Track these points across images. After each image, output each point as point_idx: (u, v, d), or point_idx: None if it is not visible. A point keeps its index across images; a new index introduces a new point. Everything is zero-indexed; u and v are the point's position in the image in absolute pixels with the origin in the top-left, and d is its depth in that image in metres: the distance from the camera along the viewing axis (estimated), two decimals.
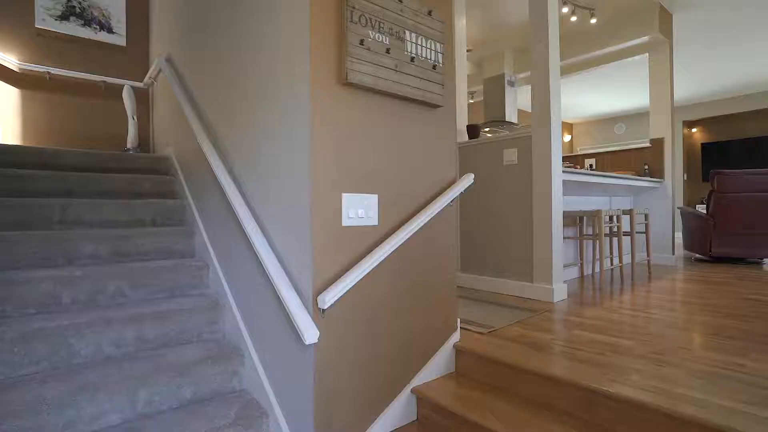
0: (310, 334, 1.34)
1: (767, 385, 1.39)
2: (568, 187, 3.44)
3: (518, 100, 7.25)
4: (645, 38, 4.39)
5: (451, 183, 1.92)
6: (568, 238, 3.46)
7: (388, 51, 1.61)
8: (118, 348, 1.79)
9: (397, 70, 1.65)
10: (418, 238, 1.78)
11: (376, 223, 1.62)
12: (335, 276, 1.49)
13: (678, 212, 8.32)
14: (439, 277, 1.88)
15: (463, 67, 3.45)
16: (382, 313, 1.65)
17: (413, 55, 1.71)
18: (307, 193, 1.45)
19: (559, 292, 2.75)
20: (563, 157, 5.49)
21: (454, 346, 1.91)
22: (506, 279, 3.01)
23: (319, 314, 1.45)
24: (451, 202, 1.90)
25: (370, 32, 1.56)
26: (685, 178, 9.11)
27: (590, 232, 3.88)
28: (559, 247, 2.78)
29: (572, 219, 3.71)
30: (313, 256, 1.43)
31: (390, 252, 1.62)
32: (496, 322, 2.24)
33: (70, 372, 1.61)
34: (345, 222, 1.52)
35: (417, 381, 1.77)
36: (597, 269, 3.93)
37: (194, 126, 2.37)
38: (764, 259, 4.71)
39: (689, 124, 9.05)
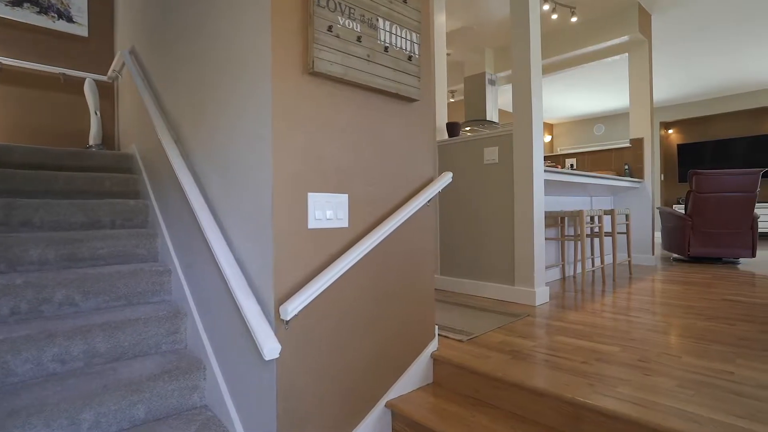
0: (270, 348, 1.21)
1: (759, 396, 1.32)
2: (550, 187, 3.38)
3: (499, 101, 7.22)
4: (625, 38, 4.38)
5: (429, 182, 1.81)
6: (550, 238, 3.40)
7: (359, 39, 1.49)
8: (63, 364, 1.62)
9: (369, 60, 1.53)
10: (392, 241, 1.66)
11: (346, 224, 1.49)
12: (300, 283, 1.37)
13: (657, 212, 8.42)
14: (416, 281, 1.77)
15: (442, 64, 3.35)
16: (354, 322, 1.53)
17: (387, 44, 1.59)
18: (268, 193, 1.32)
19: (541, 295, 2.67)
20: (544, 156, 5.46)
21: (432, 355, 1.80)
22: (487, 282, 2.92)
23: (282, 326, 1.32)
24: (428, 201, 1.79)
25: (340, 18, 1.44)
26: (662, 179, 9.24)
27: (572, 232, 3.83)
28: (541, 249, 2.71)
29: (554, 219, 3.65)
30: (274, 262, 1.30)
31: (362, 256, 1.51)
32: (476, 328, 2.14)
33: (1, 394, 1.44)
34: (311, 224, 1.39)
35: (392, 394, 1.65)
36: (579, 270, 3.88)
37: (154, 120, 2.21)
38: (740, 259, 4.75)
39: (666, 125, 9.18)
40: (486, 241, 2.93)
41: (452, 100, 6.47)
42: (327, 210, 1.44)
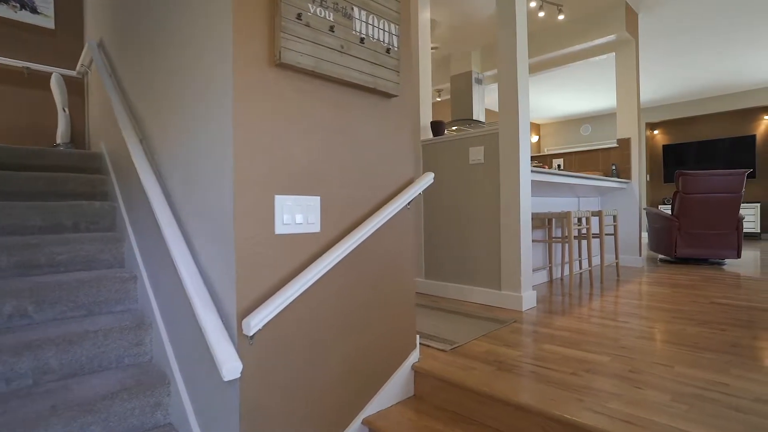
0: (230, 368, 1.09)
1: (757, 410, 1.24)
2: (537, 188, 3.30)
3: (486, 100, 7.16)
4: (612, 37, 4.33)
5: (409, 183, 1.71)
6: (537, 240, 3.32)
7: (332, 29, 1.38)
8: (8, 383, 1.48)
9: (343, 52, 1.42)
10: (369, 246, 1.56)
11: (317, 229, 1.38)
12: (266, 294, 1.25)
13: (644, 213, 8.45)
14: (396, 289, 1.66)
15: (427, 61, 3.25)
16: (327, 333, 1.41)
17: (363, 35, 1.49)
18: (229, 195, 1.20)
19: (528, 299, 2.59)
20: (531, 156, 5.40)
21: (413, 367, 1.70)
22: (473, 286, 2.83)
23: (246, 341, 1.20)
24: (409, 204, 1.69)
25: (310, 5, 1.33)
26: (648, 179, 9.28)
27: (559, 234, 3.76)
28: (528, 252, 2.62)
29: (540, 221, 3.57)
30: (236, 271, 1.18)
31: (335, 263, 1.40)
32: (460, 336, 2.04)
33: None
34: (279, 229, 1.28)
35: (370, 410, 1.54)
36: (566, 272, 3.82)
37: (118, 117, 2.07)
38: (725, 260, 4.74)
39: (651, 126, 9.23)
40: (471, 244, 2.84)
41: (439, 99, 6.39)
42: (296, 214, 1.33)
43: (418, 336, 1.80)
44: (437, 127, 3.07)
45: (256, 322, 1.14)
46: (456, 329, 2.16)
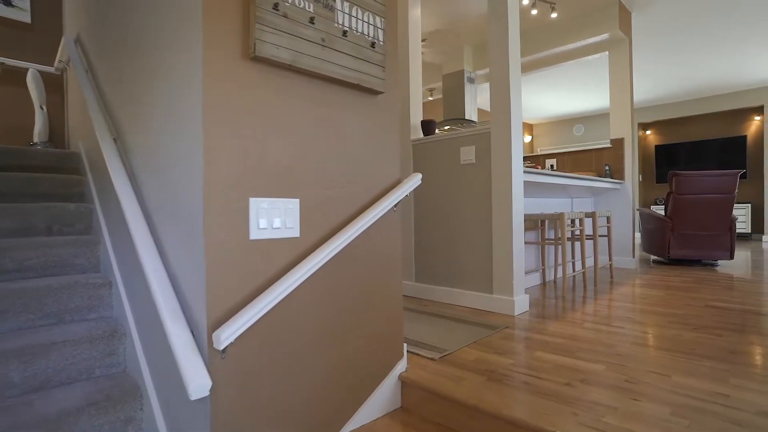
0: (197, 385, 1.01)
1: (761, 425, 1.17)
2: (530, 189, 3.24)
3: (479, 100, 7.10)
4: (605, 36, 4.28)
5: (396, 184, 1.63)
6: (530, 242, 3.25)
7: (312, 21, 1.30)
8: None
9: (324, 46, 1.34)
10: (353, 250, 1.47)
11: (296, 234, 1.30)
12: (240, 303, 1.16)
13: (637, 214, 8.44)
14: (382, 295, 1.58)
15: (417, 58, 3.18)
16: (308, 345, 1.33)
17: (346, 28, 1.40)
18: (198, 197, 1.12)
19: (521, 304, 2.52)
20: (524, 156, 5.35)
21: (400, 377, 1.62)
22: (464, 290, 2.76)
23: (217, 355, 1.11)
24: (395, 206, 1.61)
25: None
26: (641, 179, 9.28)
27: (552, 236, 3.70)
28: (521, 255, 2.55)
29: (533, 222, 3.51)
30: (207, 279, 1.10)
31: (316, 269, 1.31)
32: (450, 343, 1.97)
33: None
34: (254, 234, 1.19)
35: (353, 424, 1.46)
36: (559, 274, 3.76)
37: (92, 114, 1.97)
38: (718, 261, 4.71)
39: (644, 126, 9.23)
40: (463, 246, 2.77)
41: (431, 98, 6.32)
42: (274, 217, 1.24)
43: (405, 344, 1.73)
44: (428, 127, 2.99)
45: (227, 335, 1.06)
46: (446, 335, 2.08)
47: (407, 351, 1.86)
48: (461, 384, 1.51)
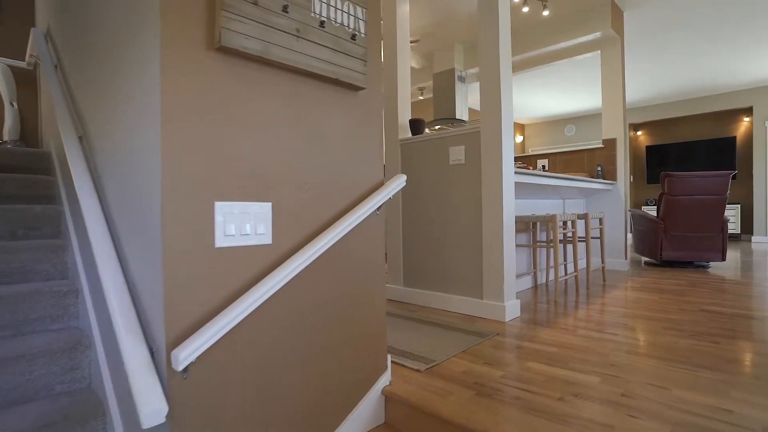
0: (151, 411, 0.90)
1: None
2: (521, 190, 3.16)
3: (470, 99, 7.03)
4: (597, 34, 4.22)
5: (379, 185, 1.53)
6: (521, 245, 3.18)
7: (285, 9, 1.20)
8: None
9: (299, 37, 1.23)
10: (332, 257, 1.37)
11: (268, 240, 1.19)
12: (205, 318, 1.06)
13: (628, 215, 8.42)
14: (363, 305, 1.48)
15: (406, 55, 3.08)
16: (282, 360, 1.23)
17: (323, 18, 1.30)
18: (156, 201, 1.01)
19: (512, 309, 2.43)
20: (515, 157, 5.28)
21: (384, 391, 1.52)
22: (453, 295, 2.67)
23: (179, 376, 1.01)
24: (378, 209, 1.51)
25: None
26: (631, 180, 9.28)
27: (544, 238, 3.63)
28: (512, 258, 2.47)
29: (525, 224, 3.44)
30: (164, 292, 0.99)
31: (290, 278, 1.21)
32: (437, 352, 1.87)
33: None
34: (220, 242, 1.09)
35: None
36: (551, 277, 3.69)
37: (57, 111, 1.85)
38: (710, 263, 4.68)
39: (634, 127, 9.23)
40: (452, 250, 2.68)
41: (421, 97, 6.24)
42: (242, 223, 1.14)
43: (389, 356, 1.63)
44: (416, 126, 2.90)
45: (187, 354, 0.95)
46: (433, 344, 1.99)
47: (392, 362, 1.76)
48: (448, 399, 1.41)
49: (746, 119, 8.02)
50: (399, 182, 1.50)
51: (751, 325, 2.22)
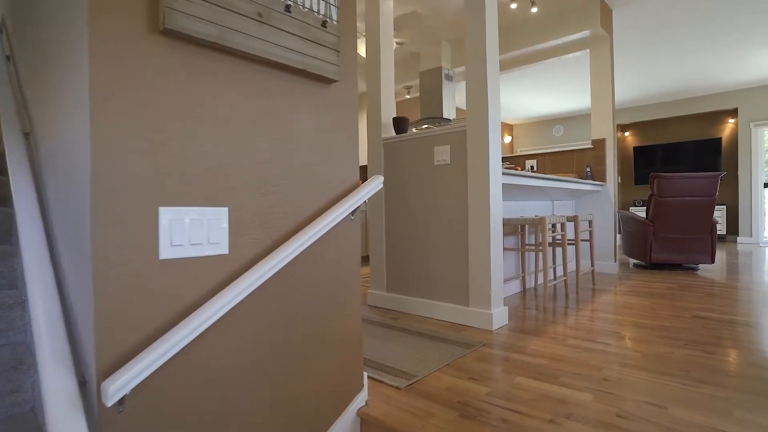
0: None
1: None
2: (509, 191, 3.06)
3: (457, 98, 6.94)
4: (586, 32, 4.14)
5: (354, 187, 1.40)
6: (509, 249, 3.07)
7: None
8: None
9: (261, 22, 1.10)
10: (300, 267, 1.24)
11: (224, 250, 1.06)
12: (144, 342, 0.92)
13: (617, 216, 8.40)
14: (337, 318, 1.35)
15: (389, 52, 2.96)
16: (242, 384, 1.09)
17: (289, 2, 1.17)
18: (85, 208, 0.87)
19: (499, 317, 2.32)
20: (503, 157, 5.19)
21: (359, 413, 1.39)
22: (438, 301, 2.54)
23: (113, 410, 0.87)
24: (353, 214, 1.38)
25: None
26: (619, 181, 9.27)
27: (533, 241, 3.53)
28: (499, 263, 2.36)
29: (513, 227, 3.33)
30: (95, 312, 0.85)
31: (251, 291, 1.08)
32: (419, 366, 1.75)
33: None
34: (165, 253, 0.95)
35: None
36: (540, 281, 3.59)
37: (1, 107, 1.69)
38: (699, 265, 4.63)
39: (622, 128, 9.22)
40: (437, 254, 2.56)
41: (408, 96, 6.12)
42: (193, 231, 1.00)
43: (366, 373, 1.50)
44: (400, 124, 2.78)
45: (119, 387, 0.81)
46: (416, 356, 1.86)
47: (370, 378, 1.63)
48: (429, 423, 1.29)
49: (731, 121, 8.05)
50: (375, 184, 1.37)
51: (746, 333, 2.14)
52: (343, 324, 1.37)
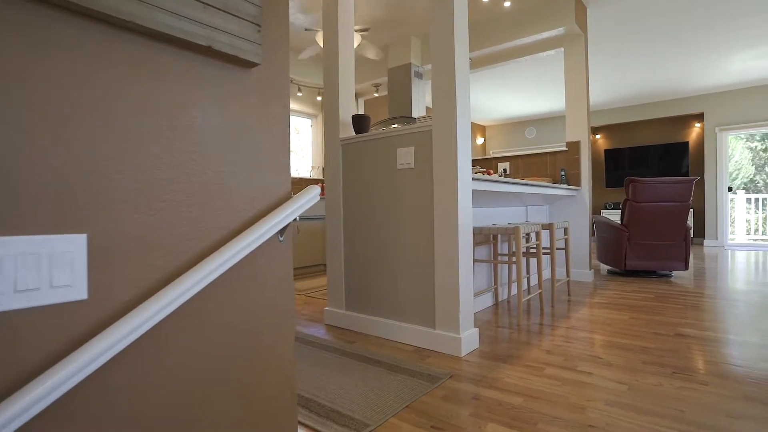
0: None
1: None
2: (480, 197, 2.82)
3: (427, 97, 6.71)
4: (561, 30, 3.97)
5: (284, 200, 1.11)
6: (480, 260, 2.84)
7: None
8: None
9: None
10: (205, 307, 0.94)
11: (81, 295, 0.75)
12: None
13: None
14: (260, 372, 1.06)
15: (348, 45, 2.67)
16: None
17: None
18: None
19: (469, 342, 2.07)
20: (475, 160, 4.98)
21: None
22: (402, 322, 2.28)
23: None
24: (281, 233, 1.09)
25: None
26: (590, 184, 9.26)
27: (506, 250, 3.31)
28: (469, 280, 2.11)
29: (485, 237, 3.10)
30: None
31: (122, 348, 0.78)
32: (374, 408, 1.47)
33: None
34: None
35: None
36: (513, 292, 3.38)
37: None
38: (672, 272, 4.54)
39: (593, 130, 9.23)
40: (400, 269, 2.29)
41: (377, 94, 5.84)
42: (28, 271, 0.69)
43: (300, 430, 1.21)
44: (360, 123, 2.50)
45: None
46: (370, 394, 1.59)
47: (310, 428, 1.34)
48: None
49: (698, 125, 8.14)
50: (309, 197, 1.08)
51: (736, 355, 1.96)
52: (266, 375, 1.07)
